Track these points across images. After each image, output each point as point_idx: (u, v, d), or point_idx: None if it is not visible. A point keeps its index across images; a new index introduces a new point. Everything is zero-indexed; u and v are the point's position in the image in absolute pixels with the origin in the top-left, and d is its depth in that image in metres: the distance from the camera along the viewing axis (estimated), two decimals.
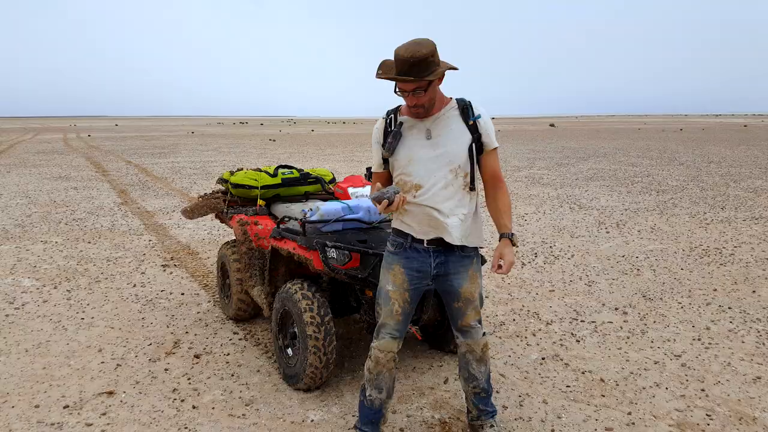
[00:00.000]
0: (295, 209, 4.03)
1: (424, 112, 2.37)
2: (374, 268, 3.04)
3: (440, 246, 2.45)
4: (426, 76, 2.23)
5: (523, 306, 4.71)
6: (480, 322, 2.61)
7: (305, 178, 4.31)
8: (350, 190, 3.62)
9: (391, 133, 2.45)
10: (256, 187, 4.24)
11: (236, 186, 4.29)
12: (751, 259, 6.18)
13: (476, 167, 2.46)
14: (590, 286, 5.27)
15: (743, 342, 4.00)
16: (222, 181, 4.53)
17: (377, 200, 2.28)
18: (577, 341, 4.01)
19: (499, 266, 2.39)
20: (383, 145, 2.49)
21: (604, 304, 4.76)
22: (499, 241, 2.43)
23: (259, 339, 4.01)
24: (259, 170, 4.42)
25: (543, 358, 3.73)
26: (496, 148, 2.47)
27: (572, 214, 9.01)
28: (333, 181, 4.53)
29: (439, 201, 2.38)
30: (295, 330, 3.27)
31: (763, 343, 3.96)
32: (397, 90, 2.33)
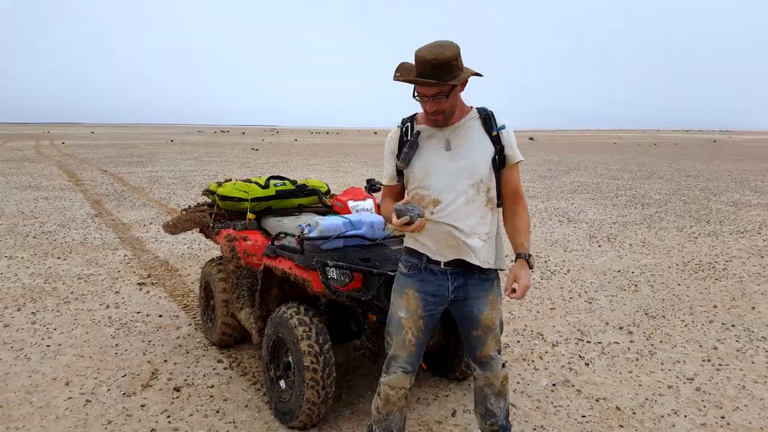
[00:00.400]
0: (289, 223, 3.76)
1: (443, 120, 2.16)
2: (379, 289, 2.79)
3: (458, 268, 2.22)
4: (449, 80, 2.02)
5: (526, 326, 4.49)
6: (500, 351, 2.37)
7: (301, 190, 4.03)
8: (350, 203, 3.36)
9: (407, 143, 2.23)
10: (246, 200, 3.96)
11: (224, 198, 4.00)
12: (744, 274, 6.09)
13: (499, 182, 2.24)
14: (591, 303, 5.09)
15: (753, 363, 3.84)
16: (208, 192, 4.23)
17: (399, 214, 2.05)
18: (586, 364, 3.81)
19: (513, 290, 2.16)
20: (398, 156, 2.26)
21: (607, 323, 4.58)
22: (515, 261, 2.20)
23: (246, 368, 3.71)
24: (249, 181, 4.14)
25: (554, 384, 3.51)
26: (519, 162, 2.26)
27: (562, 227, 8.88)
28: (328, 192, 4.26)
29: (460, 218, 2.15)
30: (290, 360, 2.98)
31: None
32: (416, 95, 2.12)
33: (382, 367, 2.44)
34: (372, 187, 3.88)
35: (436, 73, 2.01)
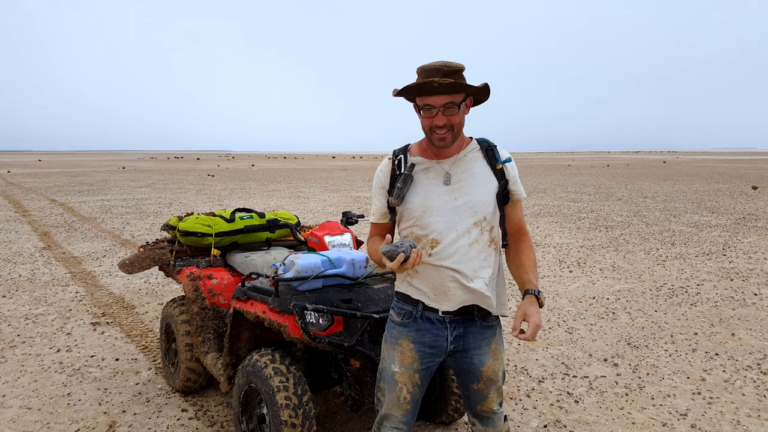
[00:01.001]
0: (258, 260, 3.49)
1: (449, 141, 1.93)
2: (362, 333, 2.55)
3: (458, 315, 2.00)
4: (461, 90, 1.85)
5: (509, 360, 4.30)
6: (501, 404, 2.15)
7: (274, 224, 3.76)
8: (327, 239, 3.13)
9: (401, 177, 2.00)
10: (210, 235, 3.67)
11: (186, 233, 3.69)
12: (717, 298, 6.08)
13: (503, 220, 2.04)
14: (571, 333, 4.95)
15: (743, 395, 3.74)
16: (168, 227, 3.91)
17: (390, 255, 1.81)
18: (576, 402, 3.63)
19: (522, 331, 1.93)
20: (389, 192, 2.04)
21: (591, 355, 4.43)
22: (523, 299, 1.97)
23: (213, 417, 3.38)
24: (213, 215, 3.84)
25: (545, 426, 3.31)
26: (520, 201, 2.07)
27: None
28: (299, 225, 4.01)
29: (462, 261, 1.93)
30: (264, 412, 2.70)
31: (764, 395, 3.72)
32: (421, 110, 1.90)
33: (363, 414, 2.18)
34: (348, 220, 3.65)
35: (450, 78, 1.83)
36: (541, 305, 1.96)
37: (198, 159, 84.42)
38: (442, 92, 1.86)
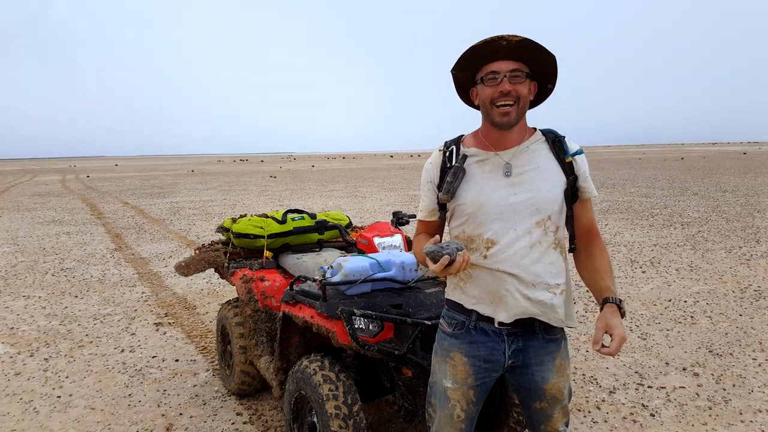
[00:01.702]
0: (309, 261, 3.41)
1: (513, 117, 1.71)
2: (414, 341, 2.40)
3: (517, 328, 1.80)
4: (532, 54, 1.70)
5: (576, 368, 4.03)
6: (567, 424, 1.94)
7: (322, 225, 3.67)
8: (376, 240, 2.99)
9: (451, 170, 1.81)
10: (263, 236, 3.62)
11: (239, 235, 3.67)
12: None
13: (572, 219, 1.83)
14: (645, 339, 4.60)
15: None
16: (222, 229, 3.90)
17: (434, 257, 1.62)
18: (652, 415, 3.33)
19: (604, 345, 1.66)
20: (439, 186, 1.86)
21: (668, 363, 4.08)
22: (601, 309, 1.73)
23: (267, 422, 3.32)
24: (266, 216, 3.80)
25: None
26: (592, 200, 1.85)
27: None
28: (350, 225, 3.91)
29: (522, 265, 1.73)
30: (314, 420, 2.60)
31: None
32: (483, 80, 1.73)
33: (418, 424, 2.02)
34: (399, 220, 3.51)
35: (519, 46, 1.67)
36: (623, 315, 1.71)
37: (262, 161, 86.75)
38: (509, 56, 1.69)
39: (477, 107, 1.86)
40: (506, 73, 1.69)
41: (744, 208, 12.97)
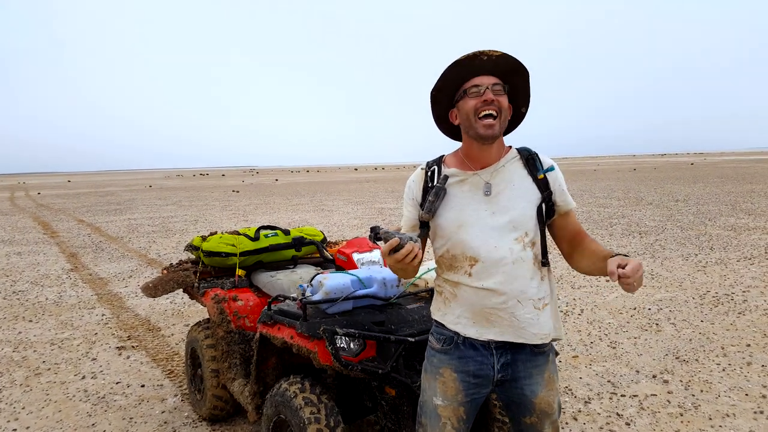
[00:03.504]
0: (284, 279, 3.33)
1: (497, 130, 1.73)
2: (397, 359, 2.37)
3: (506, 342, 1.80)
4: (512, 68, 1.76)
5: None
6: None
7: (299, 242, 3.60)
8: (356, 256, 2.96)
9: (433, 190, 1.82)
10: (235, 254, 3.53)
11: (210, 254, 3.56)
12: (767, 306, 5.74)
13: (545, 234, 1.84)
14: (615, 347, 4.68)
15: None
16: (192, 248, 3.78)
17: (387, 237, 1.65)
18: (627, 424, 3.38)
19: (620, 275, 1.49)
20: (422, 204, 1.86)
21: (638, 371, 4.16)
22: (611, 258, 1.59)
23: None
24: (237, 233, 3.71)
25: None
26: (573, 210, 1.87)
27: (563, 260, 8.51)
28: (324, 241, 3.85)
29: (505, 281, 1.73)
30: None
31: None
32: (466, 93, 1.75)
33: None
34: (377, 235, 3.47)
35: (501, 60, 1.73)
36: None
37: (223, 175, 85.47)
38: (490, 72, 1.74)
39: (453, 133, 1.92)
40: (488, 86, 1.73)
41: (696, 216, 13.46)
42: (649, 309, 5.78)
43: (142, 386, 4.15)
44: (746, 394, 3.72)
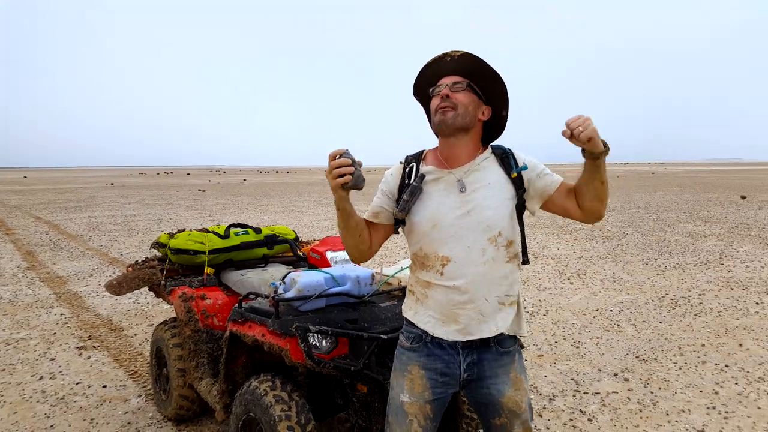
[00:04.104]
0: (254, 278, 3.30)
1: (450, 119, 1.77)
2: (370, 356, 2.38)
3: (472, 340, 1.81)
4: (474, 66, 1.81)
5: None
6: None
7: (271, 240, 3.58)
8: (329, 254, 2.96)
9: (408, 188, 1.83)
10: (203, 252, 3.48)
11: (177, 251, 3.50)
12: (720, 308, 5.97)
13: (524, 232, 1.87)
14: (578, 347, 4.79)
15: (759, 408, 3.61)
16: (158, 245, 3.71)
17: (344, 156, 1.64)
18: (589, 420, 3.47)
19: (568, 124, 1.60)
20: (397, 201, 1.87)
21: (600, 370, 4.27)
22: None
23: None
24: (206, 231, 3.66)
25: None
26: (563, 182, 1.85)
27: (530, 263, 8.66)
28: (297, 239, 3.83)
29: (476, 281, 1.75)
30: None
31: None
32: (432, 92, 1.84)
33: None
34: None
35: (465, 61, 1.80)
36: (606, 149, 1.66)
37: (188, 174, 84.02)
38: (453, 72, 1.81)
39: None
40: (448, 84, 1.79)
41: (656, 223, 13.88)
42: (611, 310, 5.93)
43: (104, 387, 4.05)
44: (700, 391, 3.87)
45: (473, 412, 2.85)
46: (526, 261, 1.88)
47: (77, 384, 4.11)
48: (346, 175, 1.63)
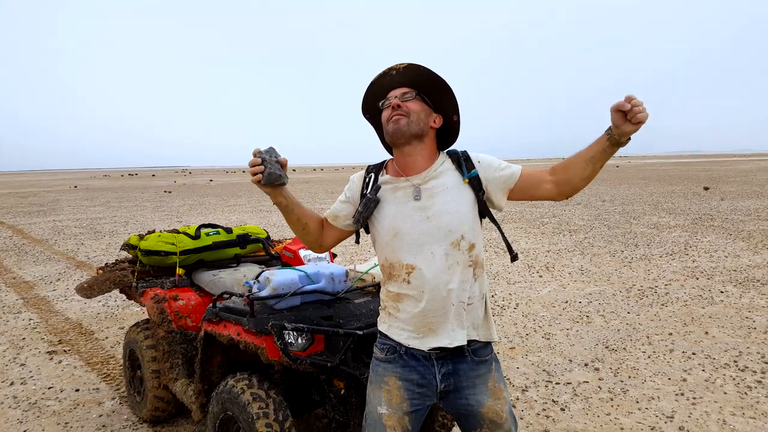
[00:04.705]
0: (227, 277, 3.29)
1: (403, 125, 1.79)
2: (346, 352, 2.40)
3: (445, 351, 1.81)
4: (418, 77, 1.84)
5: None
6: None
7: (244, 239, 3.56)
8: (302, 252, 2.97)
9: (363, 201, 1.87)
10: (174, 253, 3.45)
11: (148, 253, 3.46)
12: (686, 298, 6.16)
13: (501, 230, 1.92)
14: (549, 339, 4.90)
15: (725, 393, 3.74)
16: (129, 247, 3.66)
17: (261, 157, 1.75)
18: (562, 409, 3.56)
19: (633, 104, 1.58)
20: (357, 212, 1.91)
21: (571, 360, 4.38)
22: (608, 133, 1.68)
23: None
24: (177, 232, 3.63)
25: None
26: (522, 169, 1.86)
27: (499, 258, 8.80)
28: (269, 239, 3.83)
29: (439, 285, 1.76)
30: None
31: (745, 393, 3.73)
32: (381, 106, 1.88)
33: None
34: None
35: (412, 71, 1.83)
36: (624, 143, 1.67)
37: (153, 175, 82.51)
38: (400, 84, 1.85)
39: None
40: (397, 95, 1.83)
41: (622, 215, 14.21)
42: (580, 302, 6.07)
43: (77, 390, 3.99)
44: (669, 379, 4.00)
45: (445, 417, 2.91)
46: (514, 257, 1.92)
47: (49, 388, 4.04)
48: (258, 174, 1.73)
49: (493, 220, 1.89)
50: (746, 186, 23.83)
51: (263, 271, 2.70)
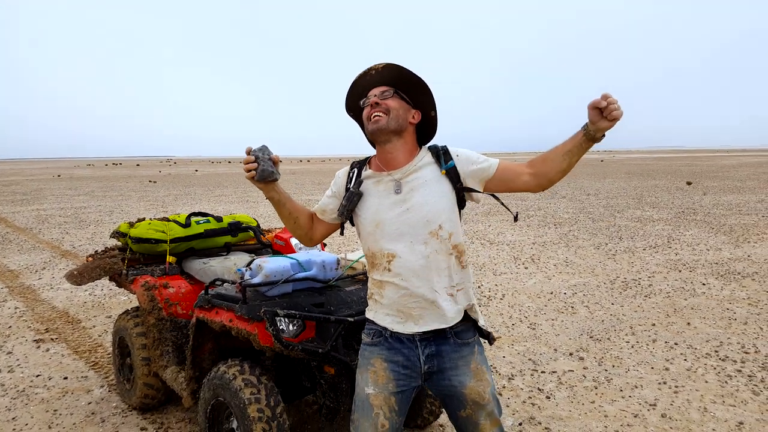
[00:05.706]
0: (217, 266, 3.30)
1: (383, 123, 1.87)
2: (337, 338, 2.44)
3: (429, 333, 1.88)
4: (397, 76, 1.92)
5: None
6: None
7: (235, 227, 3.57)
8: (293, 240, 2.99)
9: (346, 194, 1.96)
10: (165, 241, 3.45)
11: (138, 240, 3.46)
12: (669, 289, 6.27)
13: (462, 224, 1.96)
14: (534, 329, 4.98)
15: (707, 382, 3.84)
16: (119, 234, 3.66)
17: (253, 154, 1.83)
18: (547, 398, 3.62)
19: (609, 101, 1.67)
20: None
21: (556, 350, 4.46)
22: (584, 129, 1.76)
23: None
24: (167, 220, 3.63)
25: (520, 424, 3.28)
26: (500, 162, 1.92)
27: (485, 250, 8.88)
28: (259, 227, 3.84)
29: (421, 274, 1.83)
30: (234, 427, 2.54)
31: (726, 382, 3.83)
32: (362, 105, 1.95)
33: (338, 423, 2.02)
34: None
35: (390, 70, 1.92)
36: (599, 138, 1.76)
37: (138, 165, 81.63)
38: (379, 83, 1.92)
39: None
40: (376, 94, 1.91)
41: (606, 209, 14.37)
42: (565, 293, 6.16)
43: (65, 378, 3.98)
44: (652, 368, 4.09)
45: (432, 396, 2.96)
46: (515, 217, 2.06)
47: (37, 376, 4.03)
48: (251, 171, 1.80)
49: (458, 212, 1.93)
50: (728, 181, 24.18)
51: (255, 259, 2.72)
